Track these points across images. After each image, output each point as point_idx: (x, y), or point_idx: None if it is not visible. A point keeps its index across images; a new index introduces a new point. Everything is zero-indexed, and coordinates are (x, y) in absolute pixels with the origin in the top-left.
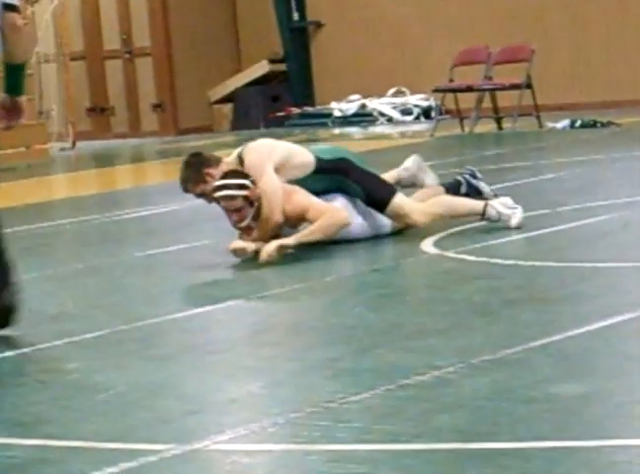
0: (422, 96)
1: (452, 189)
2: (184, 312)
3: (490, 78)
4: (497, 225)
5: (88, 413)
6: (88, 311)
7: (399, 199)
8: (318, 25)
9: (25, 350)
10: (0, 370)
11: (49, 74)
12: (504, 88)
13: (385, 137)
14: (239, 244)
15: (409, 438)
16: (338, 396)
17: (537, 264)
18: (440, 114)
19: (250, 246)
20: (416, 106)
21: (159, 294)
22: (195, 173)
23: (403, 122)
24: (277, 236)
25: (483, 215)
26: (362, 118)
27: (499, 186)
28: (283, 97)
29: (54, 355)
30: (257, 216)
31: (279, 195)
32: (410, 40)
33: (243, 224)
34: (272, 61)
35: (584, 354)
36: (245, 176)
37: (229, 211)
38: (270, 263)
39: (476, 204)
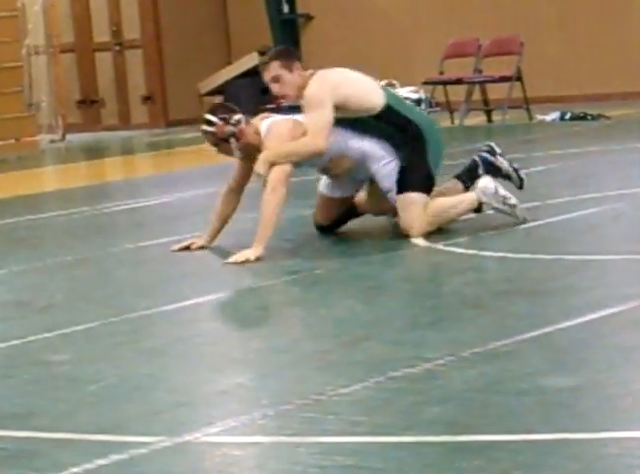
0: (412, 88)
1: (470, 171)
2: (174, 304)
3: (480, 70)
4: (486, 217)
5: (78, 405)
6: (78, 303)
7: (421, 200)
8: (308, 17)
9: (15, 342)
10: None
11: (39, 66)
12: (494, 80)
13: None
14: (181, 246)
15: (398, 431)
16: (327, 388)
17: (528, 256)
18: (430, 106)
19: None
20: (406, 98)
21: (149, 286)
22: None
23: None
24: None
25: (479, 211)
26: None
27: None
28: None
29: (44, 347)
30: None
31: (314, 142)
32: (400, 33)
33: (234, 155)
34: (261, 53)
35: (574, 346)
36: (227, 111)
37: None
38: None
39: (469, 205)
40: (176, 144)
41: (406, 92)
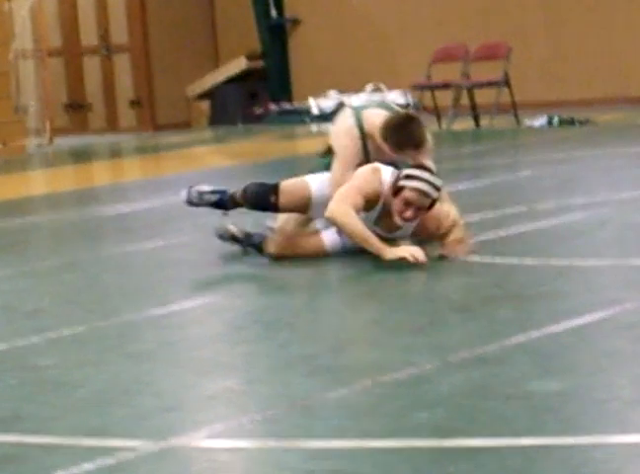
0: (399, 92)
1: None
2: (161, 309)
3: (467, 75)
4: (473, 224)
5: (65, 409)
6: (65, 307)
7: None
8: (295, 22)
9: (1, 346)
10: None
11: (27, 70)
12: (481, 85)
13: None
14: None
15: (386, 435)
16: (315, 393)
17: (515, 261)
18: (418, 110)
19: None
20: (393, 102)
21: (137, 291)
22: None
23: None
24: None
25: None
26: None
27: (476, 184)
28: (261, 93)
29: (31, 351)
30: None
31: None
32: (387, 37)
33: (411, 223)
34: (249, 58)
35: (561, 351)
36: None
37: (410, 205)
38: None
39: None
40: (164, 148)
41: (393, 96)
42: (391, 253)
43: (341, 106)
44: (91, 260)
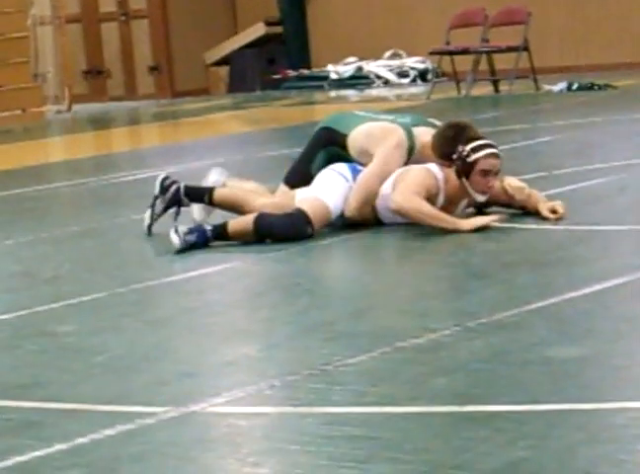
0: (418, 58)
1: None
2: (180, 275)
3: (487, 40)
4: None
5: (85, 375)
6: (84, 274)
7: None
8: None
9: (21, 312)
10: None
11: (45, 37)
12: (500, 50)
13: (382, 100)
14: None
15: (405, 401)
16: (334, 359)
17: (534, 227)
18: (437, 76)
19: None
20: (412, 68)
21: (156, 257)
22: None
23: (399, 85)
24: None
25: None
26: (359, 80)
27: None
28: (279, 59)
29: (51, 317)
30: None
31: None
32: (407, 3)
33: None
34: (268, 24)
35: (580, 316)
36: None
37: (488, 173)
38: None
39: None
40: (182, 115)
41: (412, 62)
42: (468, 224)
43: (359, 70)
44: (110, 226)
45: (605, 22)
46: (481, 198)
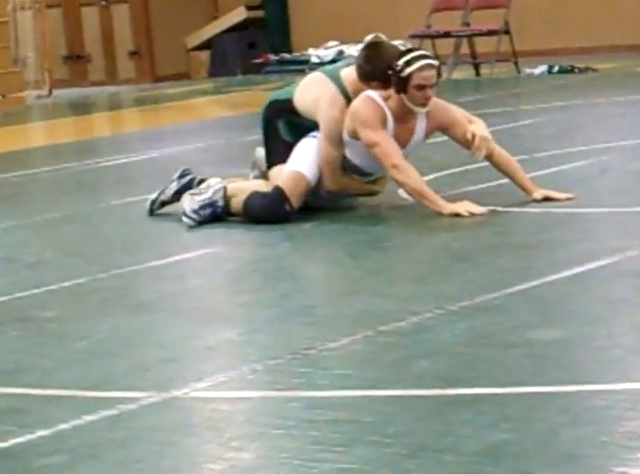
0: (399, 42)
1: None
2: (161, 260)
3: (468, 24)
4: (472, 173)
5: (67, 361)
6: (65, 259)
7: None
8: None
9: (2, 298)
10: None
11: (25, 21)
12: (482, 34)
13: None
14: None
15: (388, 385)
16: (316, 343)
17: (515, 210)
18: None
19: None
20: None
21: (137, 242)
22: None
23: None
24: None
25: None
26: None
27: None
28: (261, 44)
29: (32, 303)
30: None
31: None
32: None
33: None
34: (249, 8)
35: (562, 299)
36: None
37: (424, 87)
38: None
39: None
40: (163, 99)
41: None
42: (448, 208)
43: (340, 54)
44: (91, 211)
45: (586, 5)
46: (422, 110)
